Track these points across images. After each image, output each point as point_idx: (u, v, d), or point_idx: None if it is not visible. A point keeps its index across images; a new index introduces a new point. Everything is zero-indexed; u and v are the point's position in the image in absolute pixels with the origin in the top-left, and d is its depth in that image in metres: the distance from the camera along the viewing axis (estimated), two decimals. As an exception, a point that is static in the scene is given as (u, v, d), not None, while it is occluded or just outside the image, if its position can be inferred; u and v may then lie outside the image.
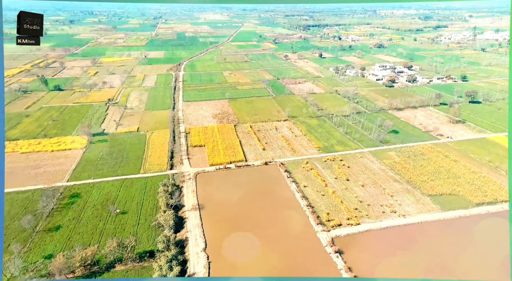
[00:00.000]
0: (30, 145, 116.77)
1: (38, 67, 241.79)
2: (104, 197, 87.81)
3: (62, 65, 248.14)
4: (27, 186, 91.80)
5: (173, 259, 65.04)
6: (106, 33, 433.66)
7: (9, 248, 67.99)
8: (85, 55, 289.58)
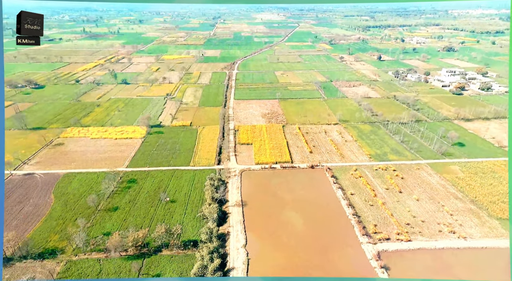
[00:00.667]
0: (99, 132, 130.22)
1: (110, 62, 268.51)
2: (156, 185, 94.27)
3: (130, 61, 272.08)
4: (94, 168, 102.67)
5: (214, 251, 67.22)
6: (169, 32, 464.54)
7: (75, 222, 76.73)
8: (150, 52, 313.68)
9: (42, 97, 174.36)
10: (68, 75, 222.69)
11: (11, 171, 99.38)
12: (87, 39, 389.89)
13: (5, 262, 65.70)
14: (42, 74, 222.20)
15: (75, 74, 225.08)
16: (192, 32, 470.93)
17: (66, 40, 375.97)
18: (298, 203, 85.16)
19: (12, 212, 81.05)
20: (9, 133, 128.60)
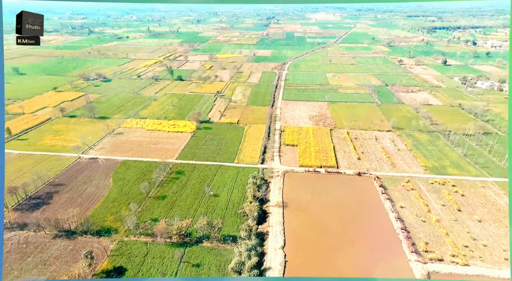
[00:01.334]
0: (154, 124, 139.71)
1: (168, 59, 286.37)
2: (202, 178, 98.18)
3: (186, 59, 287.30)
4: (148, 157, 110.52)
5: (252, 249, 67.86)
6: (224, 32, 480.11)
7: (128, 206, 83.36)
8: (204, 51, 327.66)
9: (108, 90, 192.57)
10: (131, 70, 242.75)
11: (79, 155, 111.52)
12: (150, 38, 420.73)
13: (69, 235, 74.03)
14: (110, 68, 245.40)
15: (138, 70, 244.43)
16: (245, 32, 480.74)
17: (132, 38, 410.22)
18: (341, 210, 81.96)
19: (78, 191, 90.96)
20: (80, 120, 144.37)
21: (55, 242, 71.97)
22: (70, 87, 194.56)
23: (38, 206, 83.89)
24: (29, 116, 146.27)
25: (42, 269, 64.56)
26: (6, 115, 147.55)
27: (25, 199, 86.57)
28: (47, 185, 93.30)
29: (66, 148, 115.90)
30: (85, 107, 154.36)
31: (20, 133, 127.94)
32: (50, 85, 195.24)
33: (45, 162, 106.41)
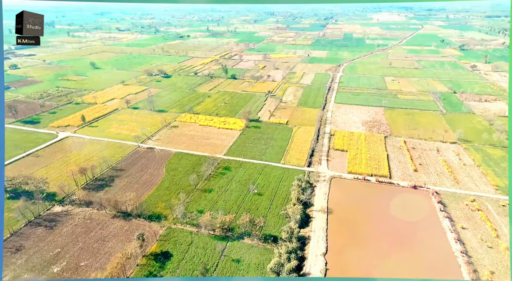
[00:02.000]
0: (206, 120, 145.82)
1: (224, 58, 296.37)
2: (247, 176, 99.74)
3: (241, 58, 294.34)
4: (198, 151, 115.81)
5: (293, 252, 66.99)
6: (280, 32, 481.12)
7: (178, 196, 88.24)
8: (259, 51, 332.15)
9: (168, 85, 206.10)
10: (189, 68, 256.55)
11: (139, 144, 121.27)
12: (209, 37, 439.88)
13: (125, 217, 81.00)
14: (171, 65, 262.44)
15: (195, 67, 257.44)
16: (301, 32, 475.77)
17: (193, 37, 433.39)
18: (391, 224, 76.58)
19: (135, 177, 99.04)
20: (142, 112, 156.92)
21: (113, 222, 79.33)
22: (136, 81, 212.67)
23: (102, 187, 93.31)
24: (100, 106, 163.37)
25: (102, 244, 71.69)
26: (82, 104, 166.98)
27: (92, 180, 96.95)
28: (111, 169, 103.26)
29: (128, 136, 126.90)
30: (147, 100, 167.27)
31: (92, 121, 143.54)
32: (119, 78, 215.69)
33: (110, 148, 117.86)
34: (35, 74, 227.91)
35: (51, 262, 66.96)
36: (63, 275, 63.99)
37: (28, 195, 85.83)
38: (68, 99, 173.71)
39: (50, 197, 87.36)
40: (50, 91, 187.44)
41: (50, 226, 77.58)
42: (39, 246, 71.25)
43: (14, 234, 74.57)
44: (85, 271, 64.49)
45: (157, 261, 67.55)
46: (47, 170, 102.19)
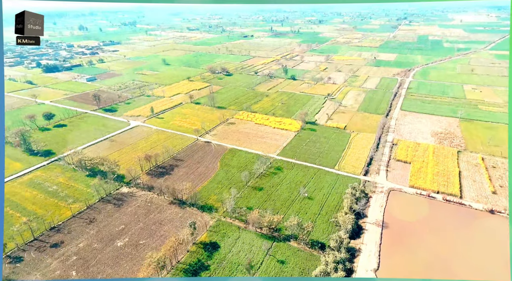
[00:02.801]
0: (262, 119, 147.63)
1: (285, 58, 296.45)
2: (298, 178, 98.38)
3: (302, 59, 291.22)
4: (252, 149, 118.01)
5: (340, 263, 64.16)
6: (346, 33, 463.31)
7: (229, 190, 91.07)
8: (321, 52, 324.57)
9: (229, 83, 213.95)
10: (250, 67, 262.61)
11: (197, 137, 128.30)
12: (272, 37, 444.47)
13: (181, 204, 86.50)
14: (233, 64, 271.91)
15: (256, 67, 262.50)
16: (369, 33, 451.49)
17: (256, 37, 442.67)
18: (456, 250, 68.27)
19: (192, 168, 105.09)
20: (202, 108, 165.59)
21: (170, 207, 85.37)
22: (200, 78, 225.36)
23: (163, 175, 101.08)
24: (167, 99, 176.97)
25: (158, 227, 77.75)
26: (152, 97, 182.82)
27: (155, 167, 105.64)
28: (171, 158, 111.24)
29: (189, 129, 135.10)
30: (208, 96, 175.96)
31: (159, 113, 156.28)
32: (185, 75, 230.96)
33: (172, 139, 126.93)
34: (117, 68, 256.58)
35: (116, 237, 74.86)
36: (124, 251, 71.03)
37: (102, 174, 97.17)
38: (141, 91, 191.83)
39: (120, 179, 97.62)
40: (127, 84, 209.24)
41: (118, 204, 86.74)
42: (108, 221, 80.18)
43: (89, 207, 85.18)
44: (143, 249, 70.66)
45: (206, 250, 70.74)
46: (119, 154, 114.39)
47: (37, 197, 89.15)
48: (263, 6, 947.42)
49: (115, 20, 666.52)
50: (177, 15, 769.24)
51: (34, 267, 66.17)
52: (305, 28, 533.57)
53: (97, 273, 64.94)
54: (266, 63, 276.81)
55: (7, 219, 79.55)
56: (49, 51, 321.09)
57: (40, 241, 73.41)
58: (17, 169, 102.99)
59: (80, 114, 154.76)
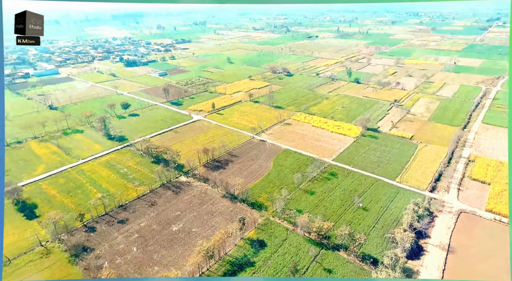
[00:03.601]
0: (320, 121, 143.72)
1: (350, 60, 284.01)
2: (353, 187, 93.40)
3: (368, 61, 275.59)
4: (306, 151, 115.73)
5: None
6: (421, 35, 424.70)
7: (280, 191, 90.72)
8: (391, 55, 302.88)
9: (288, 83, 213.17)
10: (312, 68, 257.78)
11: (253, 135, 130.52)
12: (338, 38, 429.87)
13: (232, 199, 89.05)
14: (294, 64, 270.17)
15: (318, 68, 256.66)
16: (450, 35, 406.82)
17: (321, 38, 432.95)
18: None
19: (245, 165, 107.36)
20: (261, 106, 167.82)
21: (222, 201, 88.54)
22: (261, 77, 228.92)
23: (218, 168, 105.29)
24: (228, 97, 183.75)
25: (210, 218, 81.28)
26: (214, 93, 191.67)
27: (211, 160, 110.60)
28: (227, 153, 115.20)
29: (246, 127, 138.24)
30: (267, 95, 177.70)
31: (219, 109, 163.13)
32: (247, 73, 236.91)
33: (230, 135, 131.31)
34: (185, 65, 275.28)
35: (172, 221, 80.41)
36: (178, 236, 75.84)
37: (165, 162, 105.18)
38: (205, 87, 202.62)
39: (179, 168, 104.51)
40: (193, 80, 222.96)
41: (176, 191, 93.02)
42: (166, 206, 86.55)
43: (151, 191, 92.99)
44: (195, 236, 74.61)
45: (253, 246, 71.65)
46: (180, 145, 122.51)
47: (111, 177, 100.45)
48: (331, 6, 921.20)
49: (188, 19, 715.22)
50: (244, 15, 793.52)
51: (103, 238, 74.71)
52: (375, 29, 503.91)
53: (153, 252, 70.57)
54: (329, 64, 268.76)
55: (86, 193, 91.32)
56: (131, 47, 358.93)
57: (109, 216, 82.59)
58: (97, 151, 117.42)
59: (151, 105, 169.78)
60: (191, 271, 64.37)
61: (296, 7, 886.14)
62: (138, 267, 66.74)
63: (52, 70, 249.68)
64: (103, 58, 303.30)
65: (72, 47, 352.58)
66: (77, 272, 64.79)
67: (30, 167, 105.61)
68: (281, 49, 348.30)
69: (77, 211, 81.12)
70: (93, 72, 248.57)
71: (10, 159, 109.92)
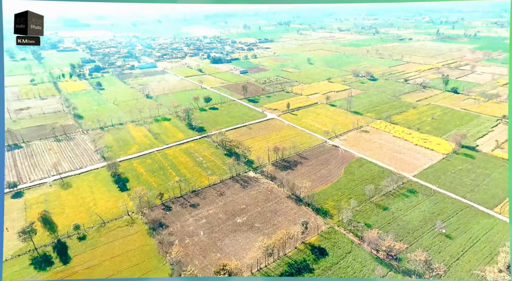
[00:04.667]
0: (403, 132, 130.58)
1: (448, 67, 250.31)
2: (436, 209, 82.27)
3: (472, 69, 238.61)
4: (383, 163, 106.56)
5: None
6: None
7: (349, 200, 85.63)
8: (504, 62, 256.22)
9: (371, 88, 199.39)
10: (400, 73, 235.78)
11: (326, 139, 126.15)
12: (436, 41, 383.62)
13: (297, 201, 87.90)
14: (380, 68, 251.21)
15: (407, 74, 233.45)
16: None
17: (415, 41, 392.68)
18: None
19: (314, 169, 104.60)
20: (337, 110, 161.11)
21: (287, 201, 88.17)
22: (341, 80, 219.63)
23: (286, 168, 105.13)
24: (304, 98, 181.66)
25: (273, 216, 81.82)
26: (290, 93, 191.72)
27: (280, 159, 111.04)
28: (297, 155, 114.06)
29: (319, 130, 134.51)
30: (345, 99, 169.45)
31: (294, 109, 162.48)
32: (326, 75, 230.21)
33: (301, 136, 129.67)
34: (266, 63, 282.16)
35: (237, 213, 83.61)
36: (241, 228, 78.48)
37: (236, 156, 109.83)
38: (282, 87, 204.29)
39: (249, 163, 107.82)
40: (271, 79, 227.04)
41: (244, 185, 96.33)
42: (233, 198, 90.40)
43: (222, 182, 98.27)
44: (257, 232, 76.18)
45: (313, 253, 69.53)
46: (252, 141, 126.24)
47: (188, 163, 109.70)
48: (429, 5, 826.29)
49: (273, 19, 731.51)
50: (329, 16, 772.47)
51: (177, 218, 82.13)
52: (486, 31, 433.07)
53: (217, 239, 74.51)
54: (422, 70, 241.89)
55: (167, 175, 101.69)
56: (218, 45, 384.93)
57: (184, 199, 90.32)
58: (180, 138, 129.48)
59: (230, 101, 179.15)
60: (249, 265, 65.92)
61: (383, 6, 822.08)
62: (203, 250, 71.37)
63: (152, 63, 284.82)
64: (193, 54, 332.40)
65: (169, 44, 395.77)
66: (153, 243, 72.70)
67: (126, 146, 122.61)
68: (366, 51, 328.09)
69: (158, 190, 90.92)
70: (183, 67, 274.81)
71: (113, 138, 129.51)
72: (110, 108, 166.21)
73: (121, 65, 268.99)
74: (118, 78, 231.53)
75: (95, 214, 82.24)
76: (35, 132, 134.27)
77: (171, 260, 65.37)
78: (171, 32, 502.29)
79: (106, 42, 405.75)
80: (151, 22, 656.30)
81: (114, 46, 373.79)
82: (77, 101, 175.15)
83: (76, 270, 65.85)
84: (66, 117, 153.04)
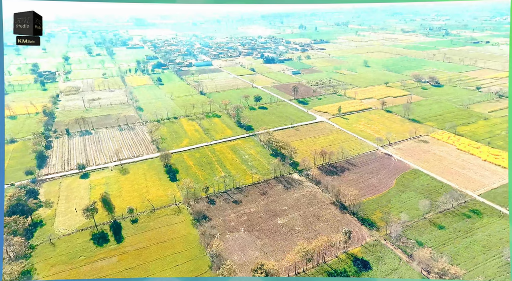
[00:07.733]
0: (469, 145, 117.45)
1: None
2: (505, 235, 72.38)
3: None
4: (443, 177, 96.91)
5: None
6: None
7: (399, 214, 79.55)
8: None
9: (434, 95, 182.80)
10: (471, 80, 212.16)
11: (378, 147, 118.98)
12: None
13: (342, 208, 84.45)
14: (447, 74, 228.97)
15: (480, 81, 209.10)
16: None
17: (493, 44, 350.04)
18: None
19: (363, 177, 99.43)
20: (393, 117, 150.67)
21: (330, 207, 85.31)
22: (400, 84, 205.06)
23: (332, 174, 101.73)
24: (357, 101, 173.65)
25: (315, 221, 79.85)
26: (343, 96, 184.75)
27: (327, 164, 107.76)
28: (344, 160, 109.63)
29: (371, 137, 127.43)
30: (403, 106, 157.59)
31: (345, 113, 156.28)
32: (384, 79, 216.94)
33: (351, 142, 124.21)
34: (319, 65, 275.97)
35: (278, 214, 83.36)
36: (281, 230, 78.04)
37: (282, 157, 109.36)
38: (334, 90, 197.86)
39: (294, 165, 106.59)
40: (324, 81, 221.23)
41: (287, 187, 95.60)
42: (275, 198, 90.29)
43: (265, 181, 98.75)
44: (297, 235, 75.10)
45: (355, 264, 66.32)
46: (299, 143, 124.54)
47: (234, 160, 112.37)
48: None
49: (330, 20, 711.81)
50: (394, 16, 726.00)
51: (220, 213, 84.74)
52: None
53: (257, 238, 75.15)
54: (498, 78, 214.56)
55: (213, 169, 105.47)
56: (272, 45, 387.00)
57: (227, 194, 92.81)
58: (228, 135, 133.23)
59: (279, 101, 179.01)
60: (287, 267, 65.28)
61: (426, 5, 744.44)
62: (242, 246, 72.58)
63: (208, 61, 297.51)
64: (247, 54, 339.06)
65: (225, 43, 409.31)
66: (196, 234, 76.04)
67: (179, 139, 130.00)
68: (432, 55, 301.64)
69: (204, 183, 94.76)
70: (237, 65, 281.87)
71: (167, 130, 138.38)
72: (167, 102, 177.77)
73: (180, 62, 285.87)
74: (176, 75, 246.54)
75: (147, 200, 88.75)
76: (103, 121, 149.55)
77: (211, 252, 67.60)
78: (228, 31, 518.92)
79: (169, 40, 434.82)
80: (211, 22, 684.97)
81: (175, 44, 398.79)
82: (139, 94, 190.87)
83: (127, 250, 71.81)
84: (129, 108, 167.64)
